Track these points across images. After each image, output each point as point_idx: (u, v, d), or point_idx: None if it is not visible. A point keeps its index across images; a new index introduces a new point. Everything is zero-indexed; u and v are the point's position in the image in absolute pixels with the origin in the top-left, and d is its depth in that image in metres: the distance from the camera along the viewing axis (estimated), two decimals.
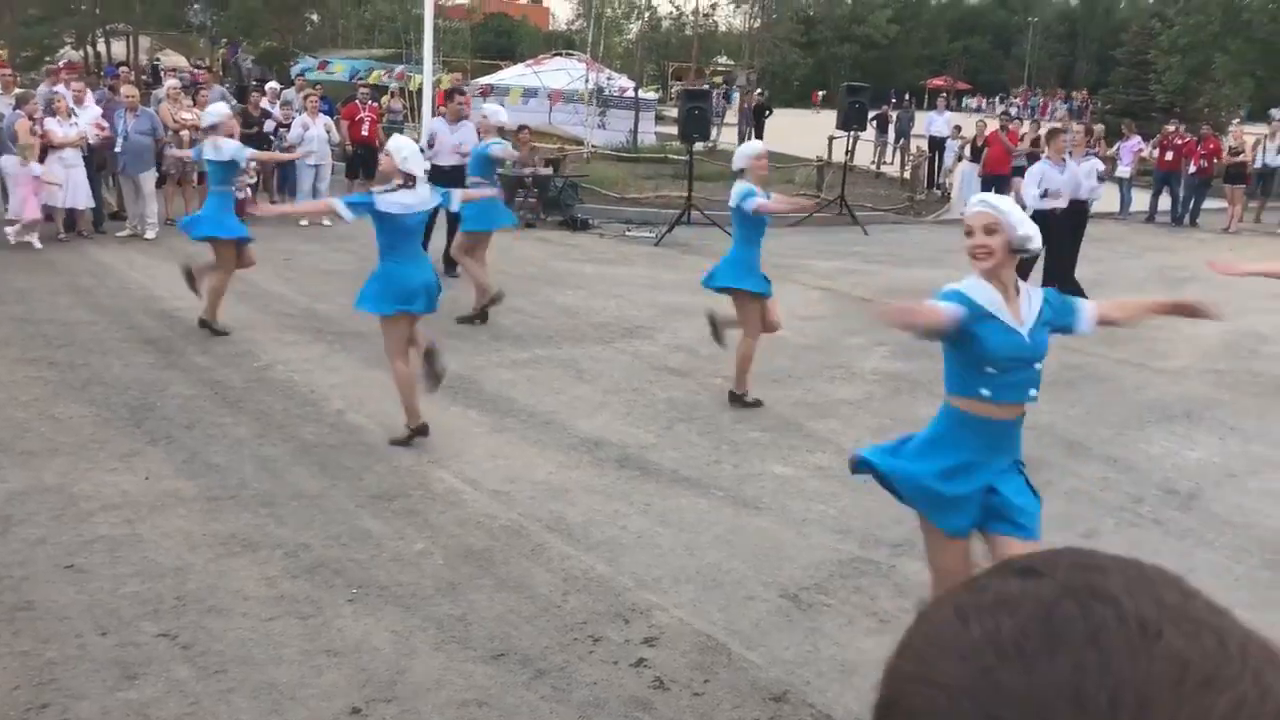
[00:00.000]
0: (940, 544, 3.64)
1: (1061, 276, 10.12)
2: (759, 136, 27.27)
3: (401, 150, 5.94)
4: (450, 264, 10.52)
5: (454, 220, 10.46)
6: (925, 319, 3.46)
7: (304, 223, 13.70)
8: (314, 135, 13.90)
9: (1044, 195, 10.21)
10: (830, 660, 4.14)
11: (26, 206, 10.97)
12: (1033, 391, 3.54)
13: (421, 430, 6.11)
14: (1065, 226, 10.65)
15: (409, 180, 5.91)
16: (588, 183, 16.73)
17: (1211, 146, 18.31)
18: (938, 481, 3.53)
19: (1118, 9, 73.28)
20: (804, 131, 26.70)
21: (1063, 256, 10.64)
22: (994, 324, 3.47)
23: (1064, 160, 10.60)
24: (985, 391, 3.49)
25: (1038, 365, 3.54)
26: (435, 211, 6.92)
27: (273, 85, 16.83)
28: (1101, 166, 10.78)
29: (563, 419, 6.79)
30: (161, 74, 37.71)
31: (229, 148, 8.29)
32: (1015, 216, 3.47)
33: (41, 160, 11.10)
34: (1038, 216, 9.47)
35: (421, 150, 10.78)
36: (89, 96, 12.36)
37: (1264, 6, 22.88)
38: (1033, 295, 3.60)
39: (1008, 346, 3.46)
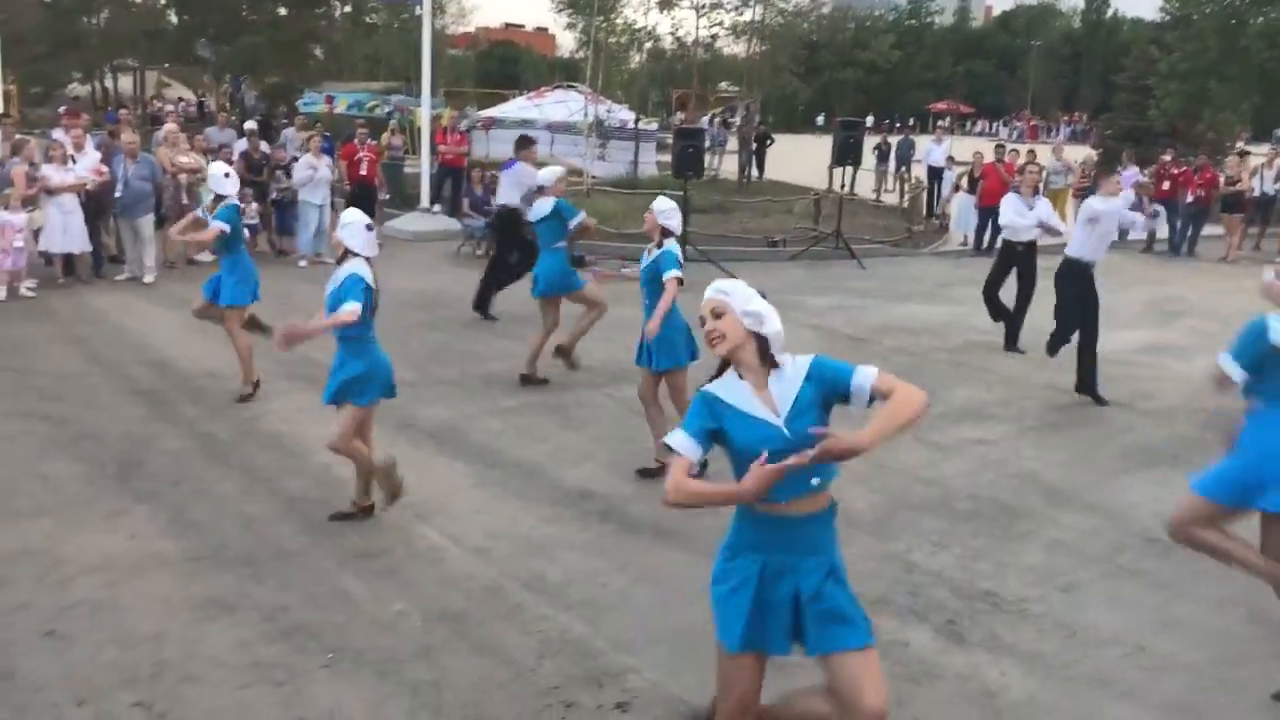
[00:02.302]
0: (721, 660, 3.37)
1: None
2: (760, 167, 27.44)
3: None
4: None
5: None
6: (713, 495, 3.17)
7: (302, 263, 13.83)
8: (323, 176, 14.02)
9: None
10: None
11: (6, 256, 10.99)
12: (814, 481, 3.13)
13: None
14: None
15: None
16: None
17: (1208, 176, 18.36)
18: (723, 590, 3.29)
19: (1120, 31, 73.46)
20: (806, 159, 26.84)
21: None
22: (742, 417, 3.17)
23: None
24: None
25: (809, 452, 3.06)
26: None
27: (250, 125, 16.82)
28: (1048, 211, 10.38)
29: (548, 470, 6.83)
30: (205, 106, 38.18)
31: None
32: (742, 295, 3.24)
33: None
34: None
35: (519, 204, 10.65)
36: (89, 142, 12.50)
37: (1261, 32, 22.94)
38: (789, 377, 3.21)
39: (761, 441, 3.09)
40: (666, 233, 6.71)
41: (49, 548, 5.41)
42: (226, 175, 7.95)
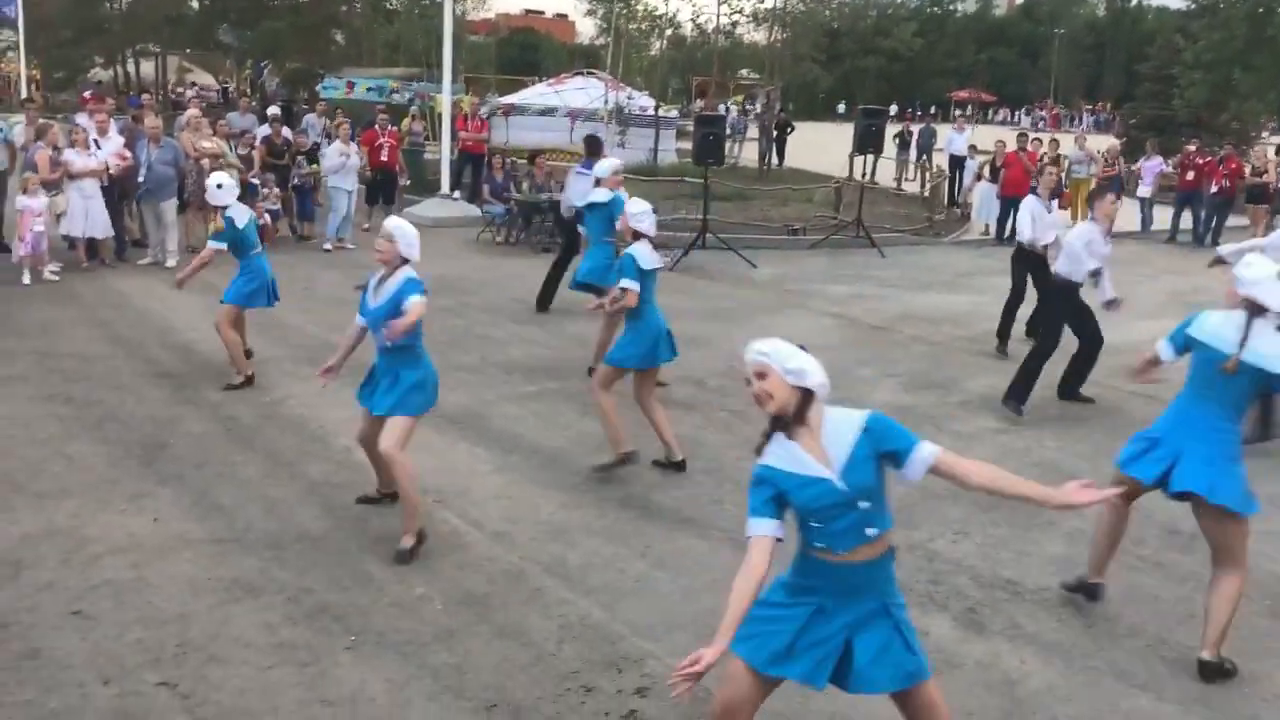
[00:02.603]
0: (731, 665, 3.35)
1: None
2: (780, 155, 27.34)
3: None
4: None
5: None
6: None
7: (327, 247, 13.90)
8: (354, 164, 14.14)
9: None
10: (819, 712, 4.16)
11: (22, 243, 11.06)
12: (870, 531, 3.19)
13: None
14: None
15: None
16: None
17: (1233, 166, 18.20)
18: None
19: (1145, 20, 72.80)
20: (827, 147, 26.74)
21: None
22: (796, 479, 3.19)
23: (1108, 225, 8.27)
24: (819, 544, 3.23)
25: (863, 504, 3.17)
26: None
27: (273, 110, 16.85)
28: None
29: (568, 456, 6.85)
30: (228, 92, 38.34)
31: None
32: (781, 354, 3.22)
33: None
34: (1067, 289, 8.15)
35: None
36: (112, 127, 12.57)
37: None
38: (842, 430, 3.21)
39: (817, 498, 3.17)
40: (637, 235, 6.67)
41: (74, 528, 5.47)
42: (220, 186, 7.83)
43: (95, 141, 12.02)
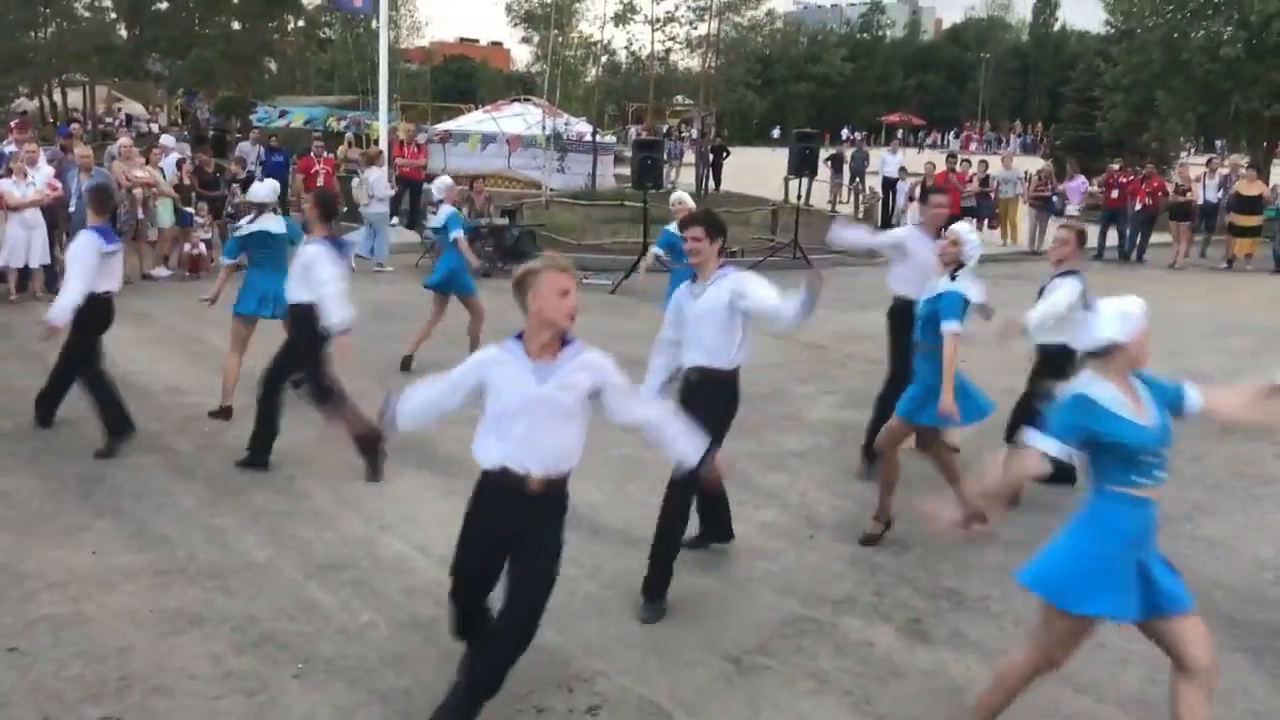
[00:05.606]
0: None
1: None
2: (716, 179, 27.61)
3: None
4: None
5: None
6: None
7: (387, 267, 14.24)
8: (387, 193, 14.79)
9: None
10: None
11: None
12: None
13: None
14: None
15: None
16: (545, 230, 16.87)
17: (1155, 184, 18.78)
18: None
19: (1068, 45, 74.70)
20: (761, 171, 27.05)
21: None
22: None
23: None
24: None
25: None
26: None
27: (168, 139, 16.74)
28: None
29: None
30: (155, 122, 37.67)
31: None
32: None
33: None
34: None
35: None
36: (41, 157, 12.35)
37: (1202, 47, 23.50)
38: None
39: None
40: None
41: (9, 564, 5.35)
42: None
43: (26, 171, 11.78)
